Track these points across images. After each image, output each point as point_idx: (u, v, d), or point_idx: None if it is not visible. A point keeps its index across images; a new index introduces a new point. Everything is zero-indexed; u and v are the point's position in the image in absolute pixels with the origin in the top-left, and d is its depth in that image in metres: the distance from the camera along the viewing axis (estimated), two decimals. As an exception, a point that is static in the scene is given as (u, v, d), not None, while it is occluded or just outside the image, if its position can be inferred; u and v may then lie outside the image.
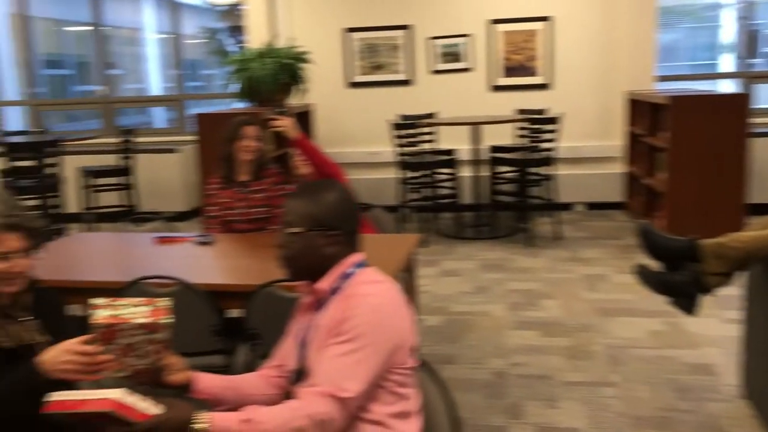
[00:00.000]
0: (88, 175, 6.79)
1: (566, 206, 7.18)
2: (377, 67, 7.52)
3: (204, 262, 3.23)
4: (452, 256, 5.91)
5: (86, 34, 13.36)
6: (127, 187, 6.84)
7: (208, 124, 5.96)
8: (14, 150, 6.02)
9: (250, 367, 2.87)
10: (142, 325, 1.60)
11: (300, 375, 1.72)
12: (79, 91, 13.53)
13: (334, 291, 1.71)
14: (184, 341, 1.89)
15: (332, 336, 1.63)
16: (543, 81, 7.22)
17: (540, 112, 6.75)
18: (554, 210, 6.52)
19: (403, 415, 1.67)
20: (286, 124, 3.57)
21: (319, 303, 1.73)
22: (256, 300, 2.71)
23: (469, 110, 7.26)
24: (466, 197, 6.97)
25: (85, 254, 3.35)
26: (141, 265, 3.18)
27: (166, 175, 7.54)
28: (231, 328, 2.90)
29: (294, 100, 6.64)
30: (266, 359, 2.85)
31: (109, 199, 6.85)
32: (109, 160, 7.17)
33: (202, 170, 5.85)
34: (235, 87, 6.56)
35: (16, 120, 9.70)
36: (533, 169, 6.39)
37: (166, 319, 1.63)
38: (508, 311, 4.49)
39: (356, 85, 7.56)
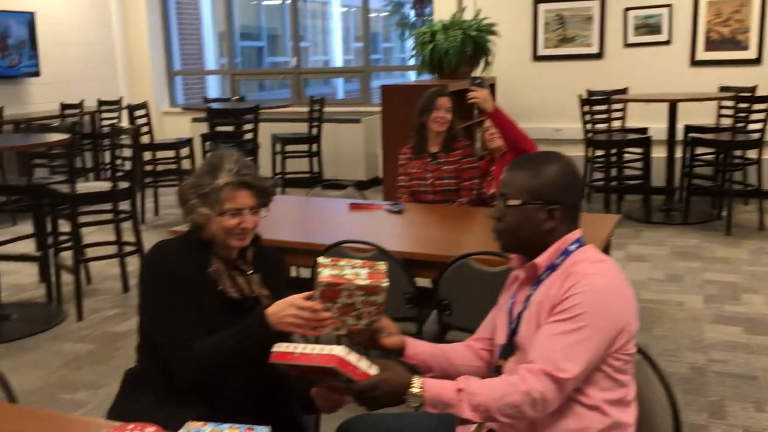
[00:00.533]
0: (279, 141, 7.15)
1: (769, 194, 6.55)
2: (564, 40, 7.23)
3: (396, 230, 3.28)
4: (639, 240, 5.60)
5: (277, 8, 14.04)
6: (314, 154, 7.13)
7: (392, 95, 6.02)
8: (217, 116, 6.45)
9: (439, 337, 2.90)
10: (362, 287, 1.63)
11: (510, 350, 1.68)
12: (269, 62, 14.28)
13: (551, 267, 1.65)
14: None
15: (549, 313, 1.57)
16: (753, 56, 6.58)
17: (750, 90, 6.16)
18: (756, 197, 5.96)
19: (620, 403, 1.58)
20: (482, 96, 3.52)
21: (534, 278, 1.67)
22: (450, 271, 2.70)
23: (664, 86, 6.80)
24: (656, 179, 6.54)
25: (284, 216, 3.52)
26: (337, 229, 3.29)
27: (349, 145, 7.78)
28: (421, 297, 2.93)
29: (477, 73, 6.56)
30: (455, 330, 2.88)
31: (296, 166, 7.18)
32: (298, 128, 7.52)
33: (385, 141, 5.95)
34: (419, 59, 6.60)
35: (214, 88, 10.45)
36: (737, 153, 5.87)
37: (384, 282, 1.65)
38: (705, 303, 4.18)
39: (542, 58, 7.32)
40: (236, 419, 1.86)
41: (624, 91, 6.81)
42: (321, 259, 1.67)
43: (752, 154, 5.99)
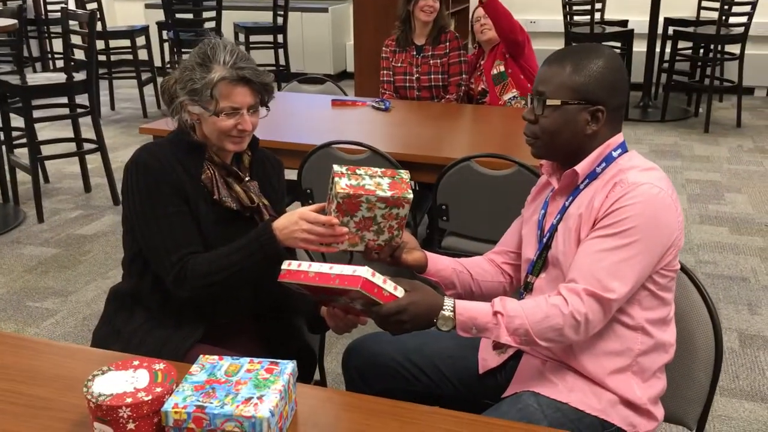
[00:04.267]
0: (242, 31, 6.70)
1: (745, 90, 6.46)
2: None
3: (386, 129, 3.07)
4: (618, 138, 5.49)
5: None
6: (279, 45, 6.72)
7: (365, -19, 5.63)
8: (175, 1, 5.96)
9: (433, 242, 2.76)
10: (384, 199, 1.45)
11: (541, 265, 1.54)
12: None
13: (591, 175, 1.49)
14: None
15: (591, 227, 1.42)
16: (739, -56, 6.30)
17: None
18: (734, 93, 5.87)
19: (662, 322, 1.47)
20: (477, -18, 3.23)
21: (573, 188, 1.51)
22: (450, 174, 2.53)
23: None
24: (633, 75, 6.36)
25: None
26: (322, 128, 3.07)
27: (315, 36, 7.37)
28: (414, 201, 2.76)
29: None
30: (451, 236, 2.74)
31: (260, 58, 6.77)
32: (260, 17, 7.06)
33: (357, 32, 5.62)
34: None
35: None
36: (717, 47, 5.70)
37: (408, 193, 1.47)
38: (689, 203, 4.13)
39: (520, -57, 6.91)
40: (236, 340, 1.72)
41: (604, -20, 6.51)
42: (336, 168, 1.47)
43: (732, 48, 5.84)
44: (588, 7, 5.85)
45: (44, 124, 5.27)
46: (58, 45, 6.71)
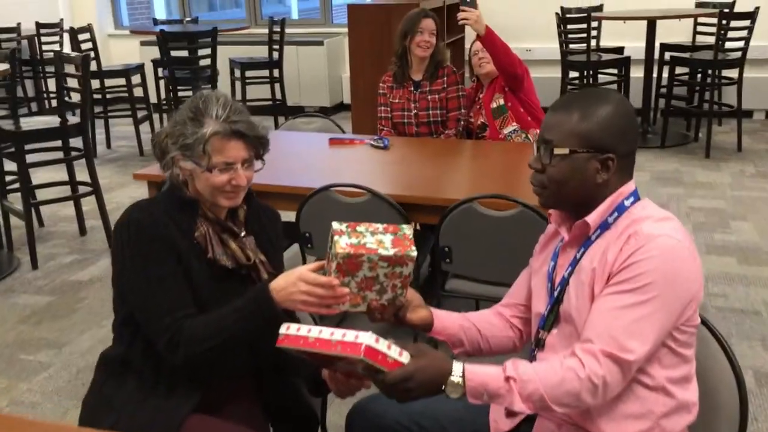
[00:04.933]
0: (237, 67, 6.68)
1: (744, 114, 6.42)
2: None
3: (385, 169, 3.01)
4: (618, 165, 5.44)
5: None
6: (275, 80, 6.69)
7: (360, 15, 5.62)
8: (170, 39, 5.94)
9: (436, 285, 2.68)
10: (386, 257, 1.37)
11: (553, 320, 1.47)
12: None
13: (603, 226, 1.42)
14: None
15: (606, 282, 1.35)
16: (732, -31, 6.31)
17: (728, 5, 5.93)
18: (733, 117, 5.83)
19: (684, 381, 1.39)
20: (473, 17, 3.19)
21: (584, 239, 1.44)
22: (452, 216, 2.46)
23: (639, 3, 6.51)
24: (631, 101, 6.33)
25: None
26: (320, 169, 3.00)
27: (311, 69, 7.35)
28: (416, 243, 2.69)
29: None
30: (454, 278, 2.66)
31: (256, 92, 6.74)
32: (255, 52, 7.04)
33: (353, 65, 5.59)
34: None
35: (160, 9, 9.75)
36: (715, 72, 5.67)
37: (412, 251, 1.40)
38: (695, 232, 4.06)
39: (513, -27, 6.93)
40: (234, 405, 1.64)
41: (599, 8, 6.51)
42: (336, 225, 1.39)
43: (729, 73, 5.81)
44: (584, 35, 5.84)
45: (38, 167, 5.21)
46: (53, 84, 6.67)
